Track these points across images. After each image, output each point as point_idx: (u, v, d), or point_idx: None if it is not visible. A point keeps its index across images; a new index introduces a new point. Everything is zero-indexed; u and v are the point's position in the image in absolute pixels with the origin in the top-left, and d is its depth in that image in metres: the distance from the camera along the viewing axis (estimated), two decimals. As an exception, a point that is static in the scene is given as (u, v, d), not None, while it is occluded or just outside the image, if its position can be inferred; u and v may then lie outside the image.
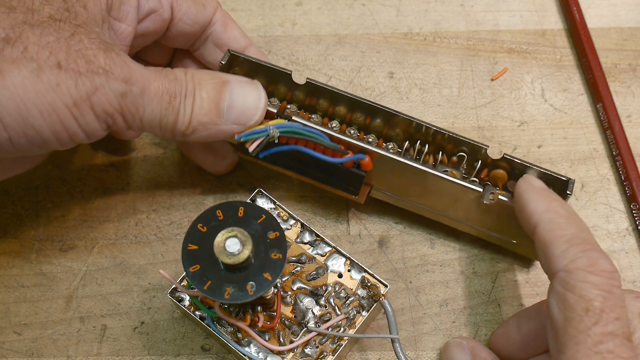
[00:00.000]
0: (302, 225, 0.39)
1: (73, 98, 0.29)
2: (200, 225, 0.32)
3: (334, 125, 0.38)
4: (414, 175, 0.37)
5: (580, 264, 0.29)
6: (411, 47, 0.48)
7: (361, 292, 0.37)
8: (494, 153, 0.37)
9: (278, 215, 0.39)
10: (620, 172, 0.43)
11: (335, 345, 0.36)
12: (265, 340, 0.36)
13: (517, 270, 0.40)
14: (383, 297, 0.36)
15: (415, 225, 0.41)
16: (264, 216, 0.32)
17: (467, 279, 0.40)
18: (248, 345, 0.36)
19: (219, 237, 0.31)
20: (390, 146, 0.38)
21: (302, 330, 0.36)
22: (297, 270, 0.38)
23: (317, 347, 0.36)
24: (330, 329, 0.36)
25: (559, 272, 0.30)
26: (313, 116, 0.39)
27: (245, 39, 0.40)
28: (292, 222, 0.39)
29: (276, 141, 0.36)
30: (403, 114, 0.37)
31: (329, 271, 0.38)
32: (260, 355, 0.35)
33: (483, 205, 0.37)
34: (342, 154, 0.36)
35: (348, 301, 0.37)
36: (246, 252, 0.31)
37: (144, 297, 0.39)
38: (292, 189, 0.42)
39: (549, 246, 0.31)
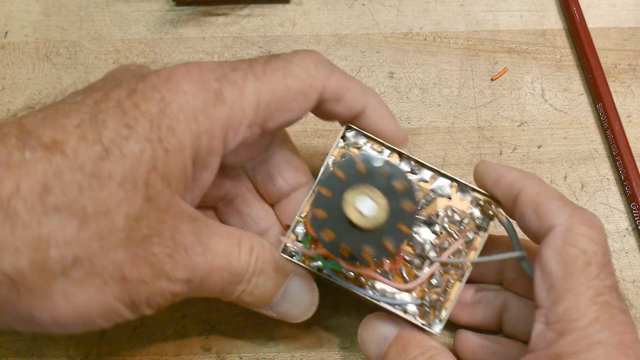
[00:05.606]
0: (400, 154, 0.37)
1: (133, 301, 0.29)
2: (324, 190, 0.30)
3: None
4: None
5: (579, 219, 0.30)
6: (411, 47, 0.48)
7: (474, 212, 0.36)
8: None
9: (372, 147, 0.37)
10: (620, 172, 0.43)
11: (460, 271, 0.35)
12: (389, 279, 0.34)
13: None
14: (500, 214, 0.35)
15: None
16: (386, 167, 0.30)
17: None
18: (372, 289, 0.34)
19: (350, 200, 0.29)
20: None
21: (423, 262, 0.35)
22: None
23: (441, 276, 0.35)
24: (451, 257, 0.35)
25: (558, 226, 0.30)
26: None
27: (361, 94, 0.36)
28: (387, 152, 0.37)
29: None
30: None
31: (436, 197, 0.36)
32: (387, 295, 0.34)
33: None
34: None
35: (463, 224, 0.36)
36: (382, 213, 0.28)
37: (144, 297, 0.39)
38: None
39: (543, 204, 0.31)
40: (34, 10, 0.49)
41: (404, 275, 0.35)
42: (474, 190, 0.36)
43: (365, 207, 0.28)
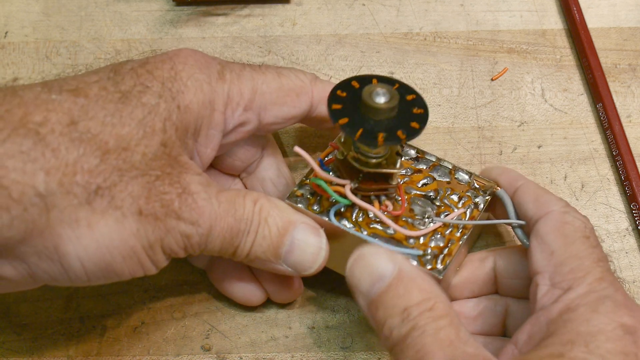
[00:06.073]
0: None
1: (149, 241, 0.31)
2: (340, 91, 0.33)
3: None
4: None
5: (571, 208, 0.34)
6: (411, 47, 0.48)
7: (471, 193, 0.38)
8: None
9: None
10: (620, 172, 0.43)
11: (460, 234, 0.36)
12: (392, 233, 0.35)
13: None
14: (498, 188, 0.37)
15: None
16: (397, 84, 0.33)
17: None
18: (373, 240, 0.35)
19: (367, 88, 0.32)
20: None
21: (425, 224, 0.36)
22: (407, 180, 0.38)
23: (443, 237, 0.36)
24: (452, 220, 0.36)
25: (555, 211, 0.33)
26: None
27: None
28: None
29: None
30: None
31: (437, 180, 0.38)
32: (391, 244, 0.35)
33: None
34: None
35: (462, 201, 0.37)
36: (395, 97, 0.32)
37: (144, 297, 0.39)
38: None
39: (543, 195, 0.35)
40: (34, 10, 0.50)
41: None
42: (472, 175, 0.38)
43: (381, 94, 0.32)
